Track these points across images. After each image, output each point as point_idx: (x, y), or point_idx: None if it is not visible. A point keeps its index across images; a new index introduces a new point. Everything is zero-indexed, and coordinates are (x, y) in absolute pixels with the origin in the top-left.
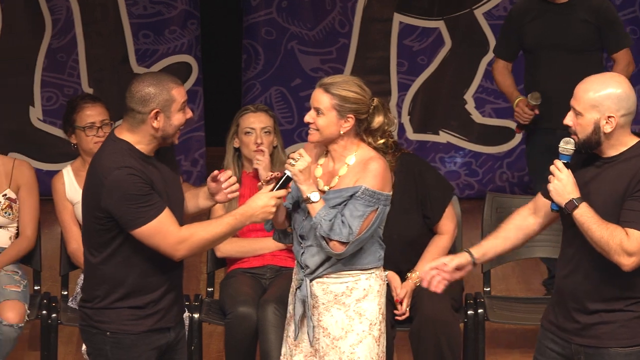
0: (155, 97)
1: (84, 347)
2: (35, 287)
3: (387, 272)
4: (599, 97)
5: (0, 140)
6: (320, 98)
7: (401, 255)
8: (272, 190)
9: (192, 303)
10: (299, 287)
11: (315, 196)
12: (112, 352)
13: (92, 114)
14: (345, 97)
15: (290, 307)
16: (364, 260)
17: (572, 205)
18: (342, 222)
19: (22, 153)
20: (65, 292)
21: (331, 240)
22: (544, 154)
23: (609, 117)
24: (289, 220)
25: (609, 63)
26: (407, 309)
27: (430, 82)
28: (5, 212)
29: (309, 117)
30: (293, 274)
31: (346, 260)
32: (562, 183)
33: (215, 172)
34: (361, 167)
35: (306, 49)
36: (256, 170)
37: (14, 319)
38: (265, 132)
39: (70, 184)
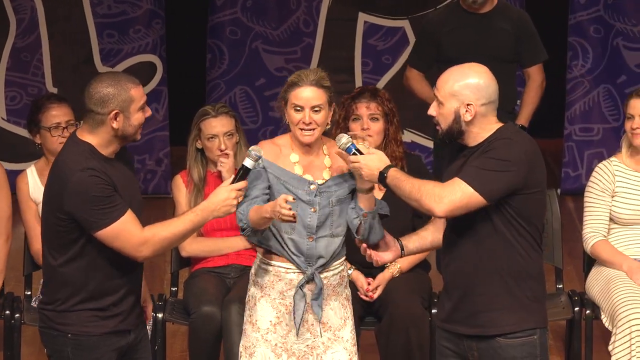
0: (114, 98)
1: None
2: None
3: (351, 271)
4: (459, 87)
5: None
6: (319, 95)
7: None
8: (231, 183)
9: (156, 303)
10: (301, 286)
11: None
12: (73, 353)
13: (58, 114)
14: (331, 87)
15: (276, 310)
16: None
17: (382, 177)
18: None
19: None
20: (29, 292)
21: (385, 216)
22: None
23: (467, 105)
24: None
25: (518, 72)
26: (376, 296)
27: (395, 81)
28: None
29: (308, 118)
30: (282, 274)
31: (343, 248)
32: (366, 165)
33: None
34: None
35: (271, 49)
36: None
37: None
38: (228, 135)
39: (34, 184)
